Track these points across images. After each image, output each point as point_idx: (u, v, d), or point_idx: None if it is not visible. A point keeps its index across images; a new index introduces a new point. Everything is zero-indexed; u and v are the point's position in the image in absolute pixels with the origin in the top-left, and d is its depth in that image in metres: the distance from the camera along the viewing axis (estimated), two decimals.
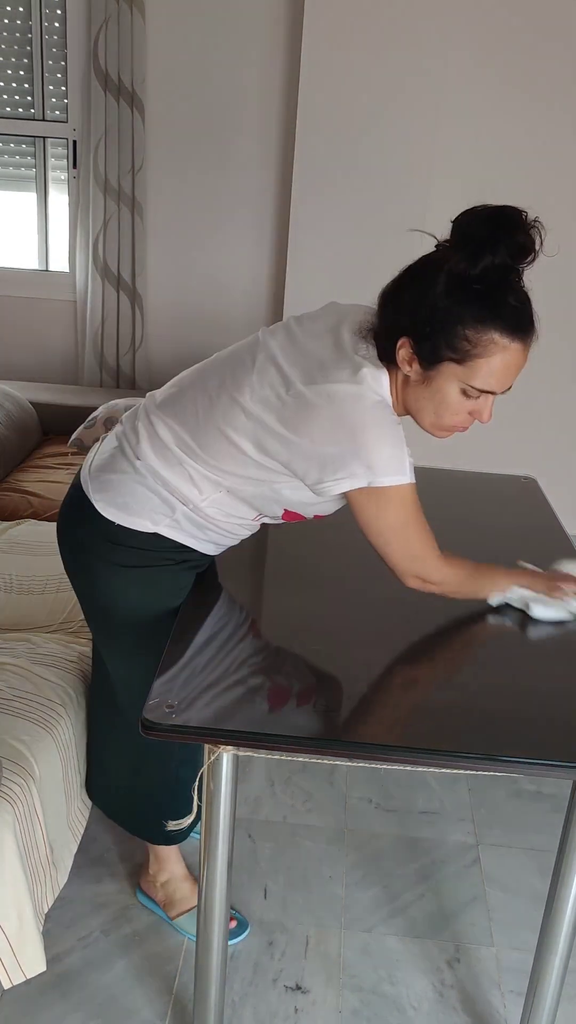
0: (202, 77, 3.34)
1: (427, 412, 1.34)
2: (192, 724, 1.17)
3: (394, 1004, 1.73)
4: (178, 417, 1.42)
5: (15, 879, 1.47)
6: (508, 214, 1.21)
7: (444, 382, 1.28)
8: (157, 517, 1.44)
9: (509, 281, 1.24)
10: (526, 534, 1.92)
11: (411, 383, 1.31)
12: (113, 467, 1.46)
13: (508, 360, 1.26)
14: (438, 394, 1.29)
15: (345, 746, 1.17)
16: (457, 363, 1.25)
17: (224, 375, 1.40)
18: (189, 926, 1.82)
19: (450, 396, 1.29)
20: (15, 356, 3.79)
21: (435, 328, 1.23)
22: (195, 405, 1.41)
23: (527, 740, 1.20)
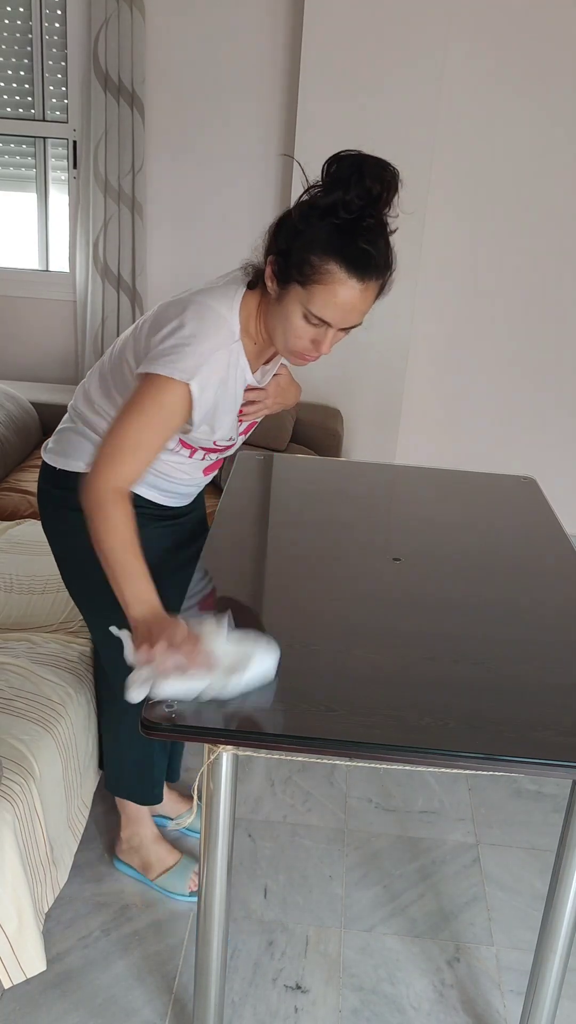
0: (202, 77, 3.34)
1: (278, 333, 1.41)
2: (192, 724, 1.17)
3: (394, 1004, 1.73)
4: (99, 371, 1.59)
5: (15, 878, 1.47)
6: (369, 161, 1.30)
7: (290, 303, 1.35)
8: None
9: (363, 224, 1.30)
10: (526, 534, 1.92)
11: (271, 301, 1.40)
12: (61, 430, 1.65)
13: (345, 295, 1.31)
14: (285, 314, 1.37)
15: (345, 746, 1.17)
16: (300, 285, 1.32)
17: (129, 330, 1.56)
18: (170, 885, 1.91)
19: (294, 318, 1.36)
20: (15, 356, 3.79)
21: (290, 248, 1.32)
22: (108, 357, 1.58)
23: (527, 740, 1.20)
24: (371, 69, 3.13)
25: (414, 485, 2.22)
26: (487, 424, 3.74)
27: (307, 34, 3.11)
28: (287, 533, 1.83)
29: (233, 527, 1.81)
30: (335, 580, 1.64)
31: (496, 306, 3.56)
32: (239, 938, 1.85)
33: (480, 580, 1.68)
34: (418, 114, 3.17)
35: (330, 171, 1.32)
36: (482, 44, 3.19)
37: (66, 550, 1.66)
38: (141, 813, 1.93)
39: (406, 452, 3.72)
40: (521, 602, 1.61)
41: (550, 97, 3.25)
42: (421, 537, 1.87)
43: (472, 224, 3.42)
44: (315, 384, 3.54)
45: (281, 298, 1.36)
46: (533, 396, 3.68)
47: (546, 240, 3.44)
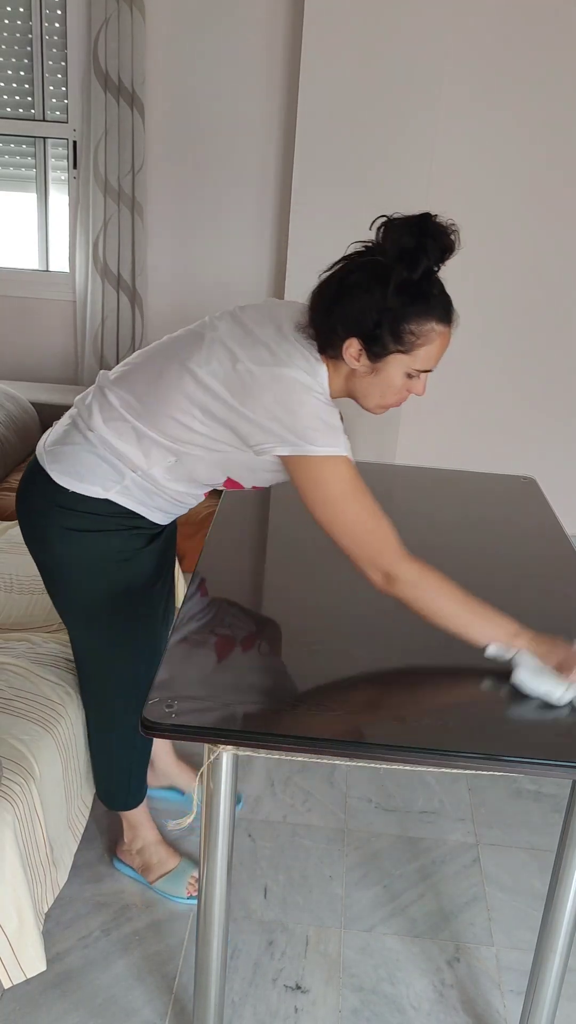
0: (202, 77, 3.34)
1: (374, 396, 1.48)
2: (192, 724, 1.17)
3: (394, 1004, 1.73)
4: (128, 387, 1.54)
5: (15, 878, 1.47)
6: (431, 220, 1.40)
7: (392, 370, 1.43)
8: (108, 483, 1.54)
9: (433, 279, 1.42)
10: (526, 534, 1.92)
11: (359, 374, 1.45)
12: (66, 440, 1.57)
13: (443, 342, 1.45)
14: (386, 380, 1.45)
15: (345, 746, 1.18)
16: (404, 353, 1.41)
17: (173, 350, 1.52)
18: (169, 888, 1.92)
19: (396, 381, 1.45)
20: (15, 356, 3.79)
21: (383, 328, 1.38)
22: (145, 375, 1.53)
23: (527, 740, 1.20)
24: (371, 66, 3.13)
25: (414, 485, 2.22)
26: (487, 424, 3.74)
27: (307, 33, 3.11)
28: (287, 533, 1.83)
29: (233, 527, 1.81)
30: (335, 580, 1.64)
31: (496, 306, 3.56)
32: (239, 938, 1.85)
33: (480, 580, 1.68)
34: (419, 113, 3.17)
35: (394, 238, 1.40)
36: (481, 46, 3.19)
37: (56, 565, 1.63)
38: (142, 817, 1.93)
39: (406, 452, 3.72)
40: (521, 602, 1.60)
41: (547, 104, 3.25)
42: (421, 537, 1.87)
43: (472, 224, 3.41)
44: None
45: (378, 370, 1.43)
46: (533, 396, 3.68)
47: (546, 240, 3.44)
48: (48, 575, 1.67)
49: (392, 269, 1.37)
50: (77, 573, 1.61)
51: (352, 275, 1.41)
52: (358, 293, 1.40)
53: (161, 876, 1.92)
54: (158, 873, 1.93)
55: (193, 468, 1.54)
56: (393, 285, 1.37)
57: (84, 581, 1.62)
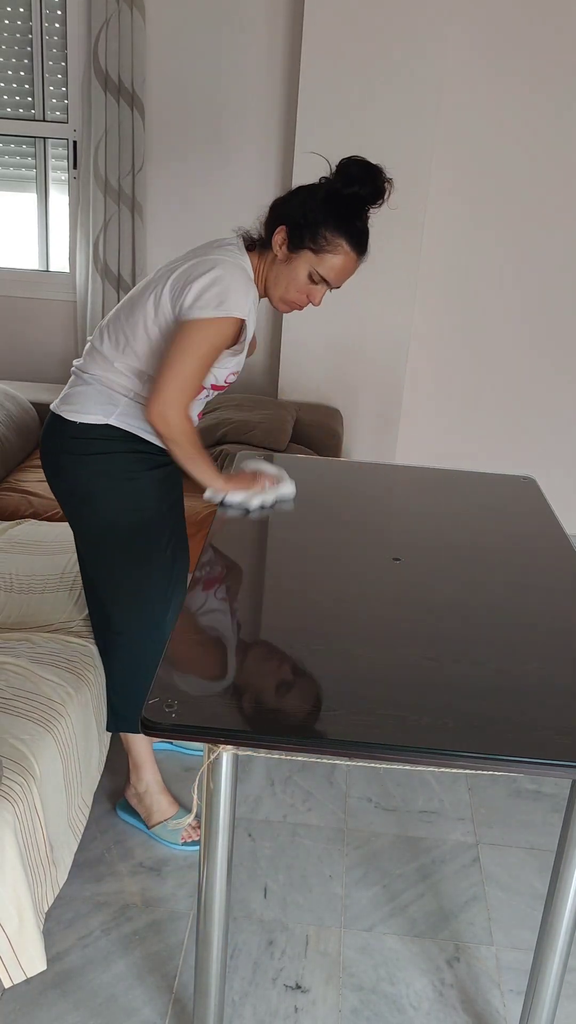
0: (202, 77, 3.34)
1: (280, 286, 1.78)
2: (192, 724, 1.17)
3: (394, 1003, 1.74)
4: (109, 332, 1.84)
5: (15, 878, 1.47)
6: (375, 168, 1.71)
7: (299, 264, 1.74)
8: (107, 409, 1.81)
9: (363, 213, 1.72)
10: (526, 534, 1.93)
11: (277, 261, 1.77)
12: (71, 386, 1.87)
13: (346, 263, 1.74)
14: (293, 271, 1.75)
15: (345, 746, 1.18)
16: (313, 252, 1.72)
17: (137, 292, 1.84)
18: (166, 834, 2.05)
19: (300, 276, 1.75)
20: (15, 356, 3.79)
21: (307, 223, 1.71)
22: (118, 319, 1.84)
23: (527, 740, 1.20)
24: (371, 67, 3.14)
25: (414, 485, 2.22)
26: (487, 424, 3.74)
27: (307, 33, 3.11)
28: (287, 533, 1.83)
29: (233, 527, 1.81)
30: (335, 580, 1.64)
31: (496, 306, 3.56)
32: (239, 938, 1.85)
33: (480, 580, 1.68)
34: (418, 112, 3.18)
35: (347, 169, 1.71)
36: (481, 39, 3.20)
37: (72, 489, 1.87)
38: (146, 758, 2.06)
39: (406, 452, 3.73)
40: (521, 602, 1.61)
41: (551, 92, 3.25)
42: (421, 537, 1.87)
43: (472, 224, 3.42)
44: (315, 384, 3.54)
45: (290, 260, 1.74)
46: (533, 396, 3.69)
47: (546, 240, 3.45)
48: (66, 500, 1.89)
49: (328, 186, 1.71)
50: (91, 491, 1.85)
51: (304, 186, 1.77)
52: (301, 193, 1.75)
53: (159, 823, 2.05)
54: (157, 819, 2.06)
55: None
56: (324, 191, 1.72)
57: (97, 498, 1.85)
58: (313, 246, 1.71)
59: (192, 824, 2.06)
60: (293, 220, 1.72)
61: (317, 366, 3.52)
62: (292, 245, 1.73)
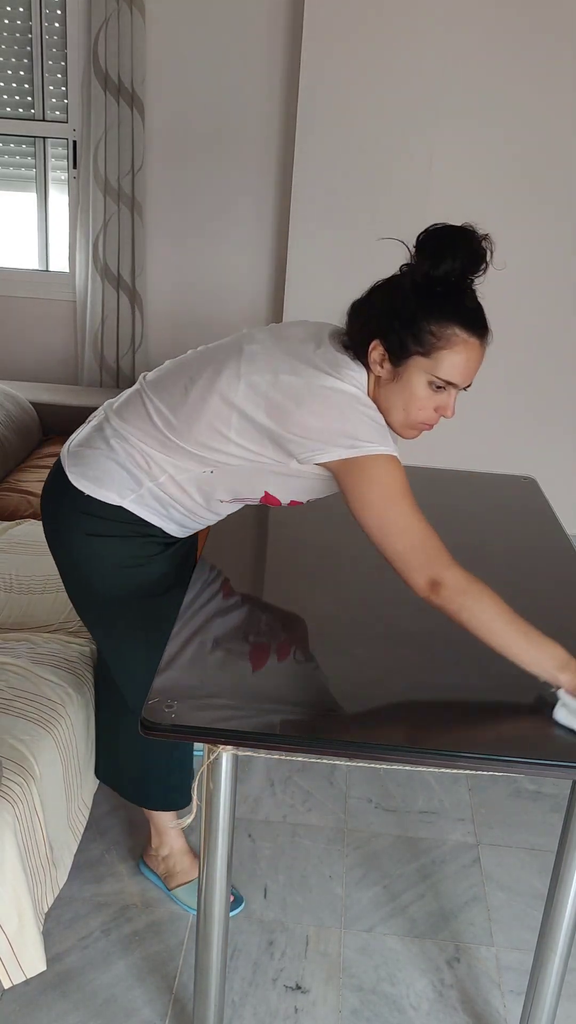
0: (202, 77, 3.34)
1: (397, 408, 1.43)
2: (192, 724, 1.17)
3: (394, 1004, 1.73)
4: (162, 395, 1.52)
5: (15, 878, 1.47)
6: (465, 229, 1.39)
7: (412, 375, 1.39)
8: (124, 491, 1.53)
9: (467, 287, 1.40)
10: (526, 534, 1.92)
11: (383, 382, 1.42)
12: (90, 443, 1.57)
13: (468, 354, 1.38)
14: (407, 388, 1.40)
15: (345, 746, 1.18)
16: (423, 356, 1.37)
17: (211, 360, 1.50)
18: (186, 897, 1.91)
19: (418, 389, 1.40)
20: (15, 356, 3.79)
21: (403, 325, 1.36)
22: (180, 384, 1.50)
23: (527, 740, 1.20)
24: (372, 67, 3.13)
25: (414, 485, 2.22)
26: (487, 424, 3.74)
27: (307, 32, 3.11)
28: (287, 533, 1.83)
29: (233, 528, 1.81)
30: (335, 580, 1.64)
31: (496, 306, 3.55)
32: (239, 938, 1.85)
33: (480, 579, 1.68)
34: (420, 111, 3.18)
35: (426, 245, 1.38)
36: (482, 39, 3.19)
37: (74, 568, 1.65)
38: (168, 823, 1.91)
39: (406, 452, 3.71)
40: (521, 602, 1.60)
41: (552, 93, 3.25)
42: None
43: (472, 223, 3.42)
44: None
45: (399, 375, 1.40)
46: (533, 396, 3.68)
47: (546, 240, 3.44)
48: (65, 575, 1.67)
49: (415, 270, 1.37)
50: (92, 576, 1.62)
51: (384, 280, 1.42)
52: (384, 294, 1.41)
53: (181, 884, 1.92)
54: (179, 881, 1.92)
55: (226, 480, 1.51)
56: (412, 279, 1.37)
57: (98, 584, 1.62)
58: (422, 348, 1.37)
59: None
60: (385, 328, 1.38)
61: None
62: (395, 357, 1.39)
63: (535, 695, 1.32)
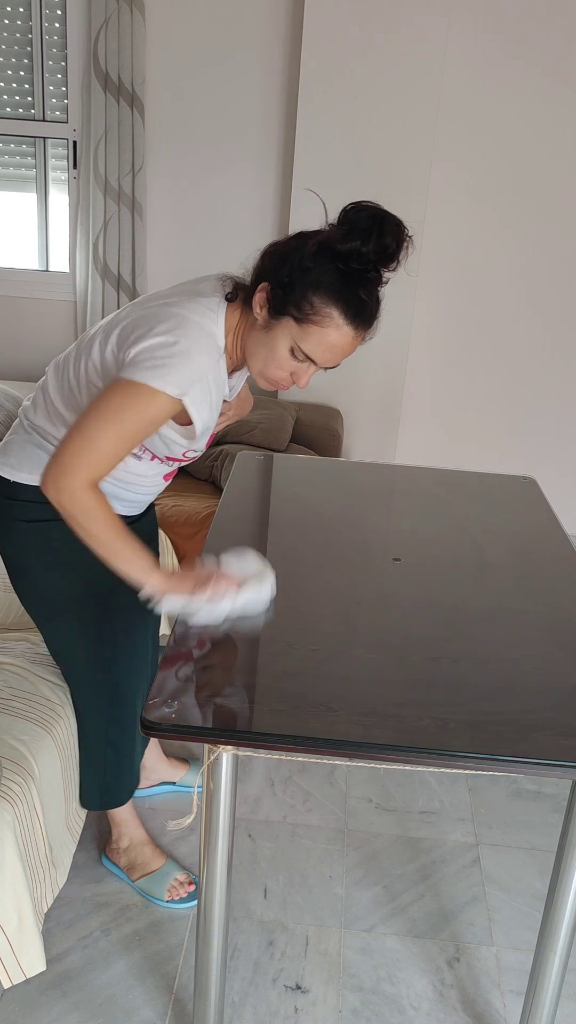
0: (202, 77, 3.34)
1: (258, 358, 1.42)
2: (192, 724, 1.17)
3: (394, 1004, 1.73)
4: (59, 373, 1.55)
5: (15, 878, 1.47)
6: (389, 219, 1.34)
7: (279, 335, 1.38)
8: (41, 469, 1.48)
9: (367, 276, 1.34)
10: (526, 534, 1.92)
11: (256, 326, 1.41)
12: (12, 431, 1.61)
13: (338, 339, 1.36)
14: (272, 343, 1.39)
15: (345, 746, 1.18)
16: (296, 322, 1.35)
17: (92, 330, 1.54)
18: (150, 889, 1.92)
19: (280, 350, 1.39)
20: (15, 356, 3.79)
21: (291, 283, 1.34)
22: (67, 359, 1.54)
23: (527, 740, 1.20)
24: (372, 67, 3.14)
25: (414, 485, 2.22)
26: (487, 424, 3.74)
27: (307, 32, 3.11)
28: (287, 533, 1.83)
29: (233, 527, 1.81)
30: (335, 580, 1.64)
31: (496, 306, 3.56)
32: (239, 938, 1.85)
33: (480, 580, 1.68)
34: (419, 112, 3.18)
35: (348, 217, 1.34)
36: (482, 39, 3.20)
37: (14, 559, 1.63)
38: (127, 815, 1.93)
39: (406, 452, 3.72)
40: (521, 602, 1.60)
41: (551, 93, 3.25)
42: (421, 537, 1.87)
43: (472, 224, 3.42)
44: (315, 384, 3.54)
45: (270, 328, 1.38)
46: (533, 396, 3.68)
47: (547, 240, 3.44)
48: (11, 569, 1.65)
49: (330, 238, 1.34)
50: (35, 564, 1.61)
51: (300, 232, 1.41)
52: (292, 243, 1.39)
53: (144, 875, 1.93)
54: (141, 872, 1.94)
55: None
56: (317, 244, 1.34)
57: (42, 572, 1.61)
58: (296, 313, 1.34)
59: (180, 879, 1.91)
60: (278, 276, 1.36)
61: None
62: (273, 309, 1.37)
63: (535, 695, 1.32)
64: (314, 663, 1.36)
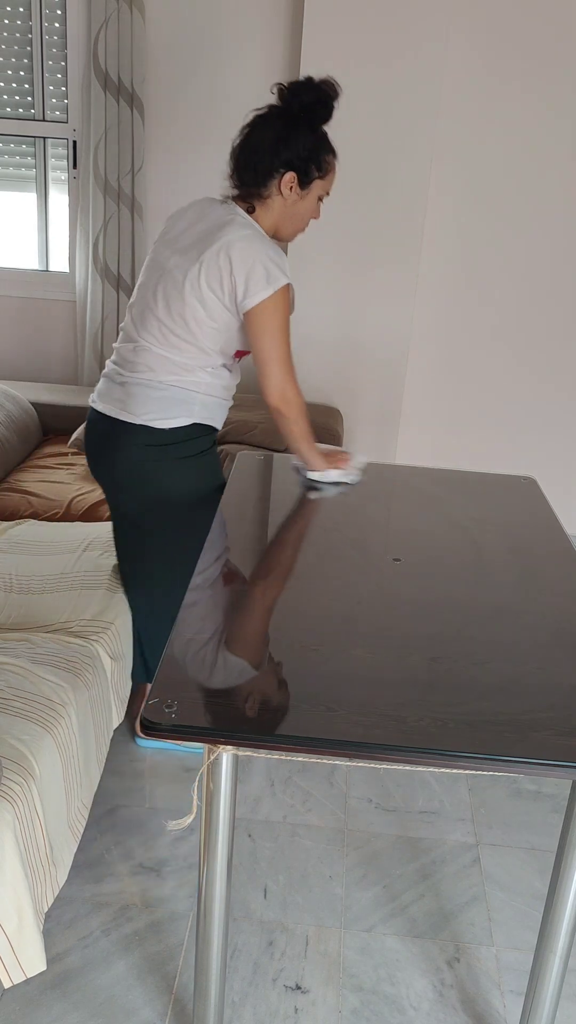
0: (202, 77, 3.34)
1: (293, 223, 1.98)
2: (192, 724, 1.17)
3: (394, 1004, 1.73)
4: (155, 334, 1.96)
5: (15, 878, 1.47)
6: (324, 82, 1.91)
7: (312, 195, 1.96)
8: (189, 409, 1.98)
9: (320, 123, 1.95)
10: (526, 534, 1.92)
11: (286, 205, 1.94)
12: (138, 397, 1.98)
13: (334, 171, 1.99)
14: (307, 204, 1.97)
15: (345, 746, 1.18)
16: (321, 179, 1.95)
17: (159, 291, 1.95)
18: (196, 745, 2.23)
19: (312, 204, 1.98)
20: (15, 356, 3.79)
21: (311, 157, 1.91)
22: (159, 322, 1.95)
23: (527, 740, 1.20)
24: (371, 68, 3.14)
25: (414, 485, 2.22)
26: (487, 424, 3.74)
27: (307, 33, 3.11)
28: (287, 533, 1.83)
29: (233, 527, 1.81)
30: (335, 580, 1.64)
31: (496, 306, 3.56)
32: (239, 938, 1.85)
33: (480, 580, 1.68)
34: (418, 113, 3.18)
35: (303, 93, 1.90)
36: (482, 36, 3.20)
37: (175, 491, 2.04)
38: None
39: (406, 452, 3.73)
40: (521, 602, 1.61)
41: (552, 93, 3.25)
42: (421, 537, 1.87)
43: (472, 223, 3.42)
44: (315, 384, 3.54)
45: (304, 196, 1.95)
46: (533, 396, 3.68)
47: (547, 239, 3.44)
48: (145, 508, 2.06)
49: (302, 119, 1.89)
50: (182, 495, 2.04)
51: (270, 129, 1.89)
52: (292, 137, 1.88)
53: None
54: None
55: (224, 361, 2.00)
56: (312, 129, 1.91)
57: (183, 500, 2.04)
58: (320, 174, 1.93)
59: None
60: (299, 162, 1.89)
61: (317, 366, 3.52)
62: (302, 184, 1.91)
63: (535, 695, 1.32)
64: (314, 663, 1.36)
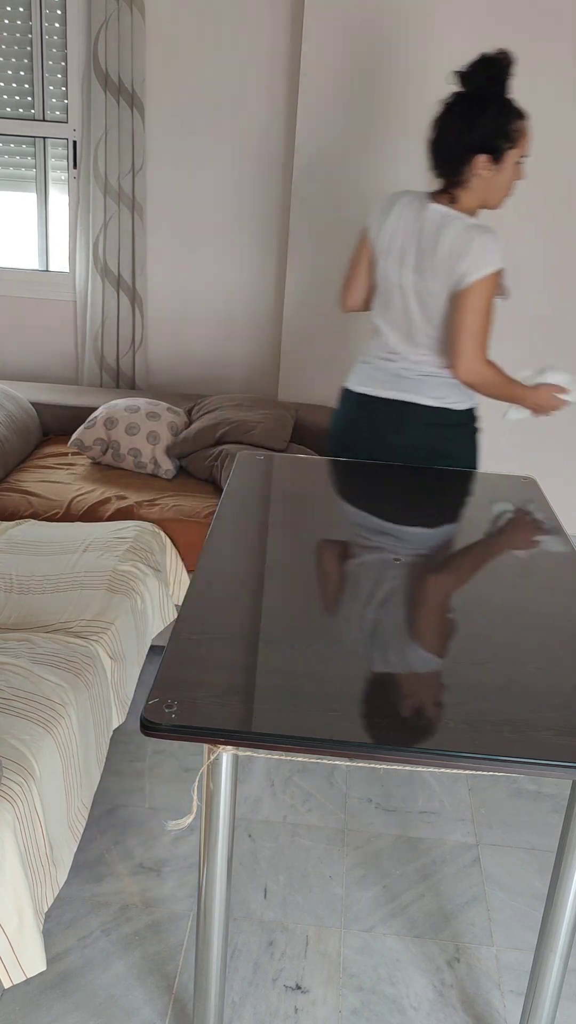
0: (202, 77, 3.34)
1: (499, 191, 2.11)
2: (192, 724, 1.17)
3: (394, 1004, 1.73)
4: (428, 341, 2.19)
5: (15, 878, 1.47)
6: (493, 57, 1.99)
7: (508, 163, 2.06)
8: (466, 393, 2.23)
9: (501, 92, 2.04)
10: (526, 534, 1.92)
11: (485, 182, 2.06)
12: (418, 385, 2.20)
13: (528, 131, 2.06)
14: (507, 173, 2.07)
15: (345, 746, 1.18)
16: (513, 147, 2.04)
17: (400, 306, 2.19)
18: None
19: (511, 171, 2.08)
20: (15, 356, 3.79)
21: (500, 133, 2.01)
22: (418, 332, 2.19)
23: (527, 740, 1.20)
24: (372, 67, 3.13)
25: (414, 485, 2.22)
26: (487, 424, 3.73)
27: (307, 32, 3.11)
28: (287, 533, 1.83)
29: (233, 527, 1.81)
30: (335, 580, 1.64)
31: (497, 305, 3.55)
32: (239, 938, 1.85)
33: (480, 580, 1.68)
34: (420, 112, 3.17)
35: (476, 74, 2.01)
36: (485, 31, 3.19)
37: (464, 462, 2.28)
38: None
39: None
40: (521, 602, 1.61)
41: (552, 93, 3.25)
42: (421, 537, 1.87)
43: None
44: (315, 384, 3.54)
45: (500, 169, 2.05)
46: None
47: (547, 239, 3.44)
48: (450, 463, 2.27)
49: (480, 99, 1.98)
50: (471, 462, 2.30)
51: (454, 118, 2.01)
52: (474, 122, 1.99)
53: None
54: None
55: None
56: (496, 105, 2.00)
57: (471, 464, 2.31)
58: (510, 143, 2.02)
59: None
60: (488, 143, 2.00)
61: (317, 366, 3.52)
62: (496, 157, 2.02)
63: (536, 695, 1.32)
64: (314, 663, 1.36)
